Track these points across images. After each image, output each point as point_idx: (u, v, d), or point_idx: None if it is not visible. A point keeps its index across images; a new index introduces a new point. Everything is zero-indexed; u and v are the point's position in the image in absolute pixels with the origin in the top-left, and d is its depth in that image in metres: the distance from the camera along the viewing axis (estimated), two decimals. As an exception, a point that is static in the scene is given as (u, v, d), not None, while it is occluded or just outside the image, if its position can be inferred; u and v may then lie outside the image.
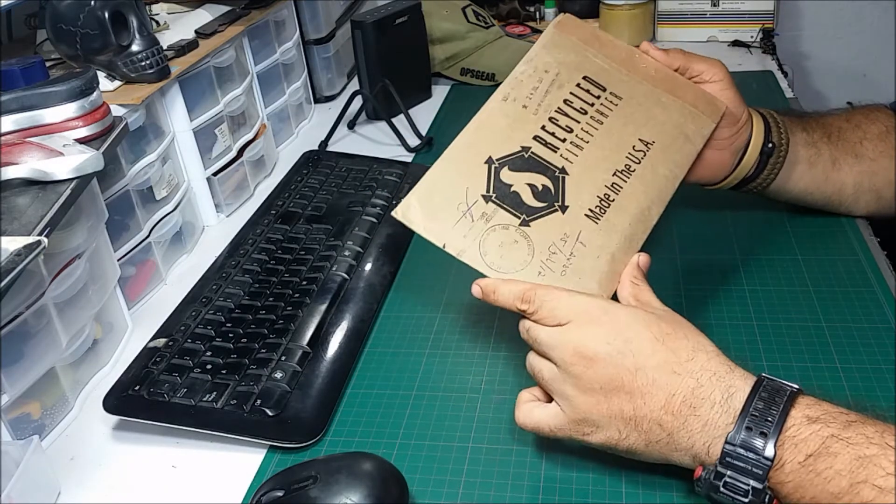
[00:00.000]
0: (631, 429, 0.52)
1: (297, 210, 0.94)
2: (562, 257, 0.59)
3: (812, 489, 0.47)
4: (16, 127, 0.71)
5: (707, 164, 0.72)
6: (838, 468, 0.46)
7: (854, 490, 0.45)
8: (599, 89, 0.66)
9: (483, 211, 0.60)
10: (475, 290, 0.59)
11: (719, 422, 0.50)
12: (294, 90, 1.20)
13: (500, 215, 0.60)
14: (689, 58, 0.70)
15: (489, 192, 0.60)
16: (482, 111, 0.64)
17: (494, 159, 0.62)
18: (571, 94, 0.65)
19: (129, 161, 0.83)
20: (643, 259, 0.60)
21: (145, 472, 0.64)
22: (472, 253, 0.58)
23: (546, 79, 0.66)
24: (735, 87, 0.71)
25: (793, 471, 0.47)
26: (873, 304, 0.71)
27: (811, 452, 0.47)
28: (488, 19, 1.36)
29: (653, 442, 0.52)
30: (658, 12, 1.42)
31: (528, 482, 0.58)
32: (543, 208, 0.60)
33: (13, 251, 0.57)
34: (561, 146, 0.63)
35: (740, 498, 0.48)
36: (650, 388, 0.52)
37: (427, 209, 0.59)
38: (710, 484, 0.49)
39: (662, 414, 0.51)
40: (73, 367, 0.71)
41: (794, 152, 0.75)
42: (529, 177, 0.61)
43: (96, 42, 0.85)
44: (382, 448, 0.62)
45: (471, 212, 0.60)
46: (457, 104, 1.27)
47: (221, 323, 0.75)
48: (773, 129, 0.74)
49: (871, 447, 0.46)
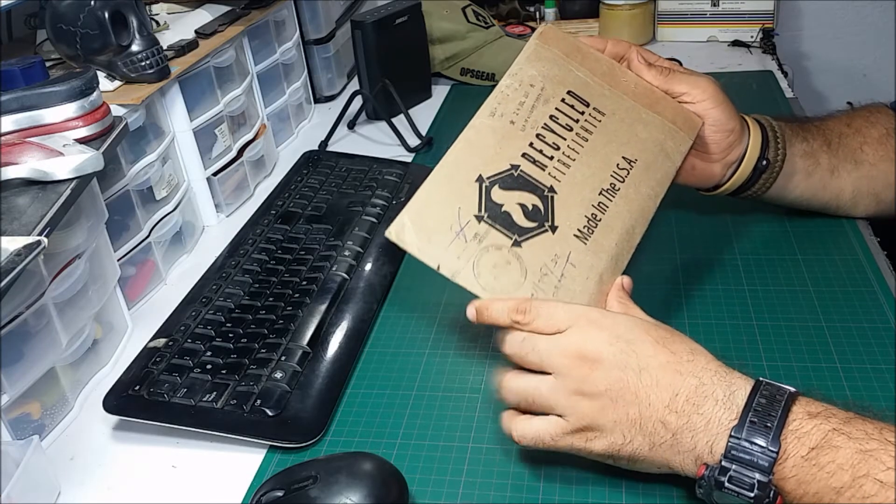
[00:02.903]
0: (636, 431, 0.52)
1: (297, 210, 0.94)
2: (553, 279, 0.59)
3: (815, 484, 0.47)
4: (16, 127, 0.71)
5: (699, 174, 0.73)
6: (840, 462, 0.46)
7: (856, 484, 0.45)
8: (583, 104, 0.67)
9: (476, 231, 0.60)
10: (470, 313, 0.58)
11: (723, 418, 0.50)
12: (294, 90, 1.20)
13: (493, 236, 0.60)
14: (671, 80, 0.69)
15: (481, 212, 0.60)
16: (469, 127, 0.63)
17: (485, 178, 0.62)
18: (557, 109, 0.66)
19: (129, 161, 0.83)
20: (626, 281, 0.61)
21: (145, 472, 0.64)
22: (466, 274, 0.58)
23: (532, 93, 0.65)
24: (726, 102, 0.70)
25: (796, 465, 0.47)
26: (873, 304, 0.71)
27: (814, 446, 0.47)
28: (488, 19, 1.36)
29: (656, 445, 0.52)
30: (658, 12, 1.42)
31: (527, 482, 0.58)
32: (534, 228, 0.61)
33: (13, 251, 0.57)
34: (549, 164, 0.63)
35: (745, 492, 0.48)
36: (655, 388, 0.52)
37: (420, 230, 0.59)
38: (714, 481, 0.49)
39: (667, 413, 0.51)
40: (73, 367, 0.71)
41: (790, 164, 0.75)
42: (520, 196, 0.62)
43: (96, 42, 0.85)
44: (382, 448, 0.62)
45: (463, 232, 0.59)
46: (457, 104, 1.27)
47: (221, 323, 0.75)
48: (770, 144, 0.74)
49: (872, 442, 0.46)
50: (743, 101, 1.13)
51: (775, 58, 1.30)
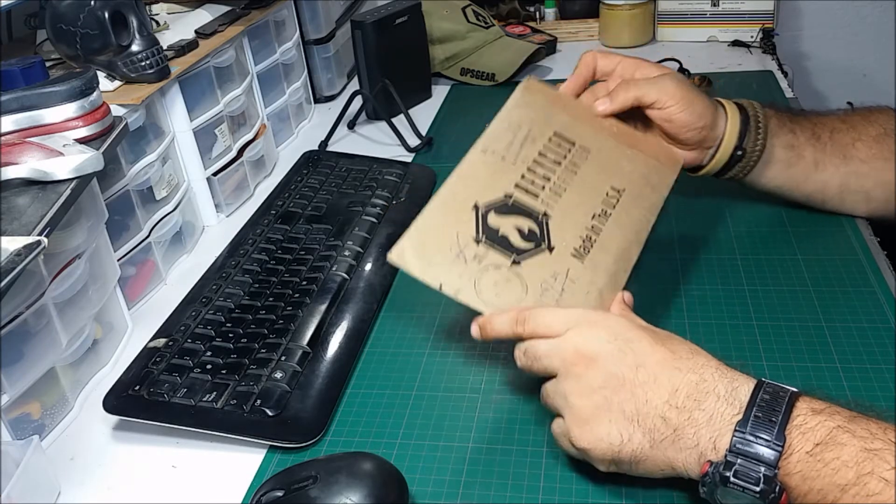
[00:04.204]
0: (634, 428, 0.52)
1: (297, 210, 0.94)
2: (554, 293, 0.61)
3: (820, 480, 0.47)
4: (16, 127, 0.71)
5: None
6: (845, 459, 0.46)
7: (861, 482, 0.45)
8: (569, 143, 0.69)
9: (475, 252, 0.61)
10: (474, 331, 0.60)
11: (725, 413, 0.50)
12: (294, 90, 1.20)
13: (492, 256, 0.61)
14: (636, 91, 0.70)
15: (479, 235, 0.62)
16: (463, 162, 0.66)
17: (480, 205, 0.64)
18: (545, 146, 0.68)
19: (129, 161, 0.83)
20: (627, 296, 0.62)
21: (145, 472, 0.64)
22: (468, 292, 0.60)
23: (520, 133, 0.68)
24: (693, 101, 0.70)
25: (801, 460, 0.47)
26: (873, 304, 0.71)
27: (819, 441, 0.47)
28: (488, 19, 1.36)
29: (657, 442, 0.52)
30: (658, 12, 1.42)
31: (527, 482, 0.58)
32: (532, 248, 0.62)
33: (13, 251, 0.57)
34: (541, 193, 0.65)
35: (752, 487, 0.47)
36: (652, 384, 0.52)
37: (421, 253, 0.61)
38: (719, 476, 0.48)
39: (666, 409, 0.51)
40: (73, 367, 0.71)
41: (769, 153, 0.76)
42: (515, 220, 0.64)
43: (96, 42, 0.85)
44: (382, 448, 0.62)
45: (463, 253, 0.61)
46: (457, 104, 1.27)
47: (221, 323, 0.75)
48: (749, 133, 0.74)
49: (876, 441, 0.46)
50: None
51: (775, 58, 1.30)
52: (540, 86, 0.73)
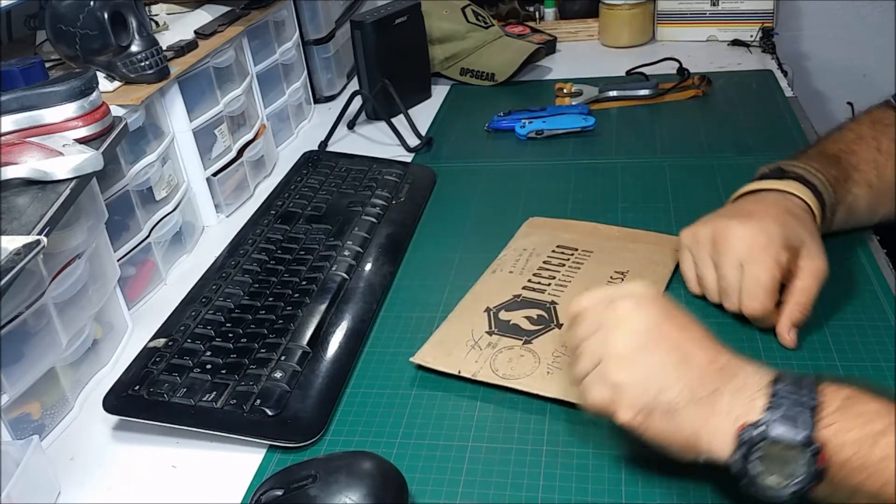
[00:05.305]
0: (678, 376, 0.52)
1: (296, 210, 0.94)
2: (566, 359, 0.65)
3: (854, 432, 0.47)
4: (16, 127, 0.71)
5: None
6: (874, 410, 0.47)
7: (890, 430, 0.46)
8: (572, 250, 0.81)
9: (489, 342, 0.69)
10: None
11: (757, 383, 0.51)
12: (294, 90, 1.20)
13: (505, 341, 0.69)
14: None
15: (491, 328, 0.71)
16: (476, 284, 0.77)
17: (492, 307, 0.73)
18: (549, 256, 0.80)
19: (128, 161, 0.83)
20: None
21: (145, 472, 0.64)
22: (485, 372, 0.66)
23: (524, 254, 0.81)
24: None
25: (835, 411, 0.48)
26: (873, 304, 0.71)
27: (847, 396, 0.48)
28: (488, 19, 1.36)
29: (695, 398, 0.51)
30: (658, 12, 1.42)
31: (527, 482, 0.58)
32: (541, 329, 0.70)
33: (13, 251, 0.57)
34: (547, 288, 0.75)
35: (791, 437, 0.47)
36: (697, 346, 0.53)
37: (440, 350, 0.69)
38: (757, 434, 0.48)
39: (708, 370, 0.52)
40: (73, 367, 0.71)
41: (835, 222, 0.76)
42: (525, 312, 0.72)
43: (96, 42, 0.85)
44: (382, 448, 0.62)
45: (478, 344, 0.69)
46: (456, 104, 1.27)
47: (221, 323, 0.75)
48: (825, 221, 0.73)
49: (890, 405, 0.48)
50: (743, 101, 1.14)
51: (775, 57, 1.30)
52: (543, 220, 0.86)
